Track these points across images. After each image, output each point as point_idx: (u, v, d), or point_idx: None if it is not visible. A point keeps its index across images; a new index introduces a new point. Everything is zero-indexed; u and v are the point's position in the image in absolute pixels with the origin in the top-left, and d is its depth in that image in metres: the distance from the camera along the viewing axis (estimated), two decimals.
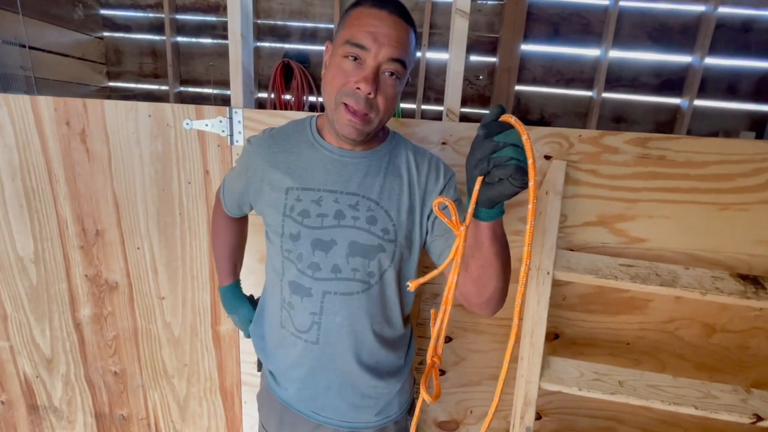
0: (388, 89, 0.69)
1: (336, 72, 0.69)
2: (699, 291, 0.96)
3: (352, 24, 0.68)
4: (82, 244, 1.20)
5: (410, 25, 0.70)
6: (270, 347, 0.84)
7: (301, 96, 2.75)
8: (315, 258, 0.74)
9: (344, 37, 0.68)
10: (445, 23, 2.65)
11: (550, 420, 1.23)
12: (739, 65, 2.55)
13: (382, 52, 0.66)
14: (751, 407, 0.96)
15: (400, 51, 0.67)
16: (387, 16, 0.67)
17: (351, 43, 0.67)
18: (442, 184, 0.78)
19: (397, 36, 0.67)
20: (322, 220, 0.74)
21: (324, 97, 0.73)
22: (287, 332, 0.79)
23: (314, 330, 0.77)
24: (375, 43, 0.66)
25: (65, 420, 1.36)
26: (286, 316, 0.79)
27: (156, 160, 1.13)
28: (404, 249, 0.76)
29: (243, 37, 1.07)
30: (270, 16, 2.79)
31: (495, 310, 0.67)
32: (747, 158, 1.02)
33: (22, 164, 1.16)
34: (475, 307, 0.68)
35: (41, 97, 1.11)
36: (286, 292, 0.78)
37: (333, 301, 0.75)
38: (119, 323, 1.26)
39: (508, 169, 0.45)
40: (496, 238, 0.56)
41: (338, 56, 0.69)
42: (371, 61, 0.67)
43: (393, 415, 0.85)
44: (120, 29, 2.87)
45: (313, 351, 0.77)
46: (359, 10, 0.69)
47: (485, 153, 0.47)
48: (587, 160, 1.05)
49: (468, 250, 0.60)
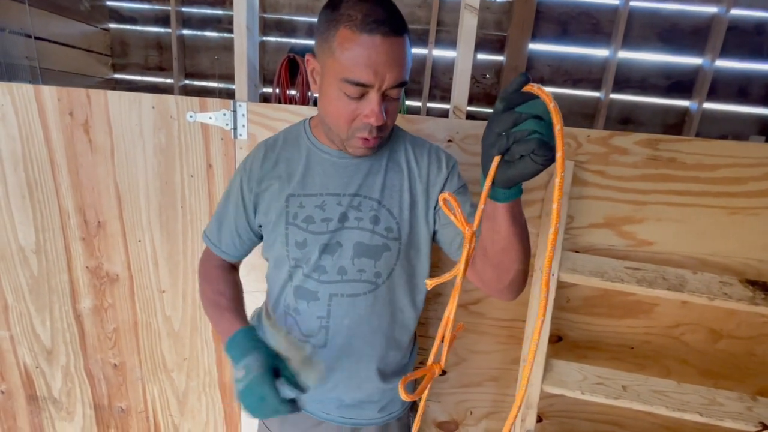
0: (393, 106, 0.67)
1: (339, 107, 0.65)
2: (707, 296, 0.95)
3: (343, 53, 0.61)
4: (84, 236, 1.20)
5: (404, 32, 0.64)
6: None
7: (306, 91, 2.73)
8: (321, 261, 0.73)
9: (339, 72, 0.62)
10: (452, 20, 2.63)
11: (551, 423, 1.22)
12: (750, 68, 2.51)
13: (386, 82, 0.62)
14: (756, 415, 0.95)
15: (402, 73, 0.64)
16: (381, 41, 0.60)
17: (351, 82, 0.62)
18: (445, 173, 0.76)
19: (397, 59, 0.62)
20: (327, 225, 0.73)
21: (328, 122, 0.69)
22: (293, 338, 0.78)
23: (322, 334, 0.76)
24: (377, 77, 0.61)
25: (64, 411, 1.36)
26: (292, 323, 0.78)
27: (159, 152, 1.12)
28: (410, 246, 0.76)
29: (248, 30, 1.06)
30: (276, 11, 2.78)
31: (517, 294, 0.65)
32: (759, 162, 1.00)
33: (24, 154, 1.15)
34: (496, 292, 0.66)
35: (45, 86, 1.10)
36: (290, 299, 0.76)
37: (340, 304, 0.74)
38: (119, 316, 1.25)
39: (530, 143, 0.41)
40: (515, 219, 0.53)
41: (335, 88, 0.64)
42: (375, 94, 0.63)
43: (396, 411, 0.84)
44: (126, 21, 2.87)
45: (321, 354, 0.76)
46: (347, 34, 0.61)
47: (504, 127, 0.43)
48: (595, 161, 1.03)
49: (486, 234, 0.58)
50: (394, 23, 0.62)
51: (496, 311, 1.14)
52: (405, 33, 0.64)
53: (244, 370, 0.64)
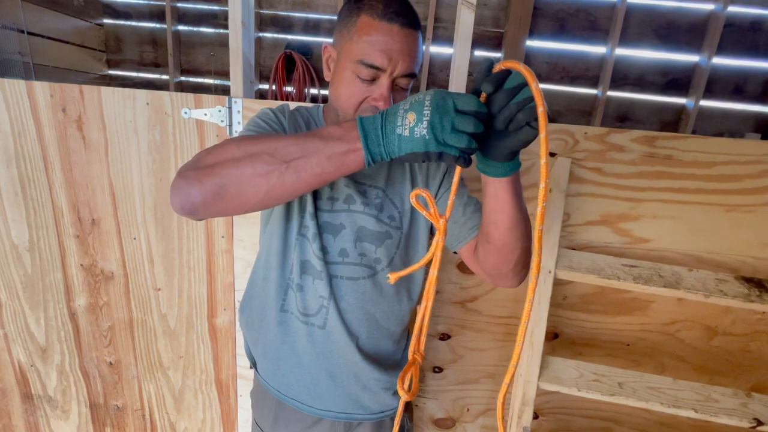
0: (400, 96, 0.71)
1: (350, 89, 0.69)
2: (702, 293, 0.95)
3: (362, 38, 0.66)
4: (78, 234, 1.19)
5: (419, 28, 0.69)
6: (264, 331, 0.81)
7: (303, 88, 2.72)
8: (324, 241, 0.74)
9: (355, 54, 0.67)
10: (449, 17, 2.62)
11: (547, 420, 1.23)
12: (746, 66, 2.52)
13: (398, 69, 0.67)
14: (751, 411, 0.95)
15: (413, 64, 0.68)
16: (399, 30, 0.65)
17: (365, 64, 0.66)
18: (444, 167, 0.79)
19: (410, 50, 0.67)
20: (333, 204, 0.74)
21: (337, 105, 0.72)
22: (291, 316, 0.76)
23: (322, 314, 0.75)
24: (390, 63, 0.66)
25: (60, 409, 1.35)
26: (292, 298, 0.76)
27: (153, 149, 1.11)
28: (410, 237, 0.78)
29: (244, 25, 1.05)
30: (273, 6, 2.76)
31: (523, 276, 0.67)
32: (756, 159, 1.01)
33: (17, 151, 1.14)
34: (501, 278, 0.67)
35: (37, 82, 1.09)
36: (295, 273, 0.75)
37: (340, 286, 0.75)
38: (115, 314, 1.24)
39: (533, 110, 0.45)
40: (518, 194, 0.57)
41: (349, 71, 0.68)
42: (386, 79, 0.67)
43: (392, 409, 0.84)
44: (120, 16, 2.84)
45: (319, 336, 0.76)
46: (368, 20, 0.66)
47: (503, 103, 0.47)
48: (592, 158, 1.03)
49: (489, 218, 0.60)
50: (411, 17, 0.68)
51: (493, 308, 1.14)
52: (419, 29, 0.69)
53: (415, 101, 0.49)
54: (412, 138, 0.49)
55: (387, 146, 0.51)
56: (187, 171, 0.57)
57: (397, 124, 0.50)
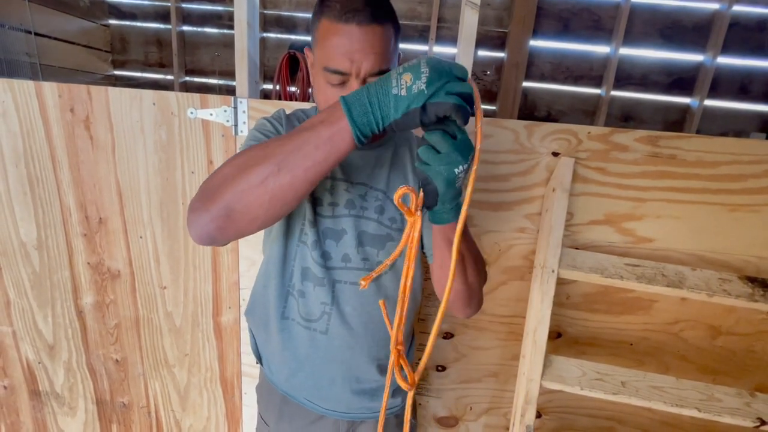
0: None
1: (325, 95, 0.67)
2: (706, 293, 0.95)
3: (323, 43, 0.64)
4: (85, 232, 1.20)
5: (385, 21, 0.64)
6: (267, 338, 0.82)
7: (306, 88, 2.73)
8: (326, 247, 0.74)
9: (321, 61, 0.65)
10: (453, 17, 2.62)
11: (550, 419, 1.23)
12: (751, 65, 2.51)
13: (363, 70, 0.63)
14: (754, 411, 0.95)
15: (380, 61, 0.64)
16: (357, 29, 0.61)
17: (329, 70, 0.64)
18: None
19: (373, 47, 0.62)
20: (334, 210, 0.74)
21: (319, 110, 0.72)
22: (292, 322, 0.77)
23: (324, 320, 0.76)
24: (353, 65, 0.63)
25: (67, 406, 1.37)
26: (293, 304, 0.77)
27: (160, 148, 1.12)
28: None
29: (249, 25, 1.05)
30: (277, 7, 2.77)
31: (479, 307, 0.74)
32: (759, 159, 1.00)
33: (26, 150, 1.15)
34: (462, 310, 0.73)
35: (45, 83, 1.10)
36: (296, 279, 0.76)
37: (342, 291, 0.75)
38: (121, 312, 1.26)
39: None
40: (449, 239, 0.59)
41: (321, 77, 0.67)
42: (355, 82, 0.64)
43: (394, 407, 0.84)
44: (126, 17, 2.86)
45: (321, 341, 0.76)
46: (327, 24, 0.64)
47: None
48: (596, 158, 1.03)
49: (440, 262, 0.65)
50: (372, 12, 0.62)
51: (496, 308, 1.15)
52: (386, 21, 0.64)
53: (409, 65, 0.50)
54: (409, 95, 0.49)
55: (382, 109, 0.50)
56: (194, 203, 0.58)
57: (392, 85, 0.50)
